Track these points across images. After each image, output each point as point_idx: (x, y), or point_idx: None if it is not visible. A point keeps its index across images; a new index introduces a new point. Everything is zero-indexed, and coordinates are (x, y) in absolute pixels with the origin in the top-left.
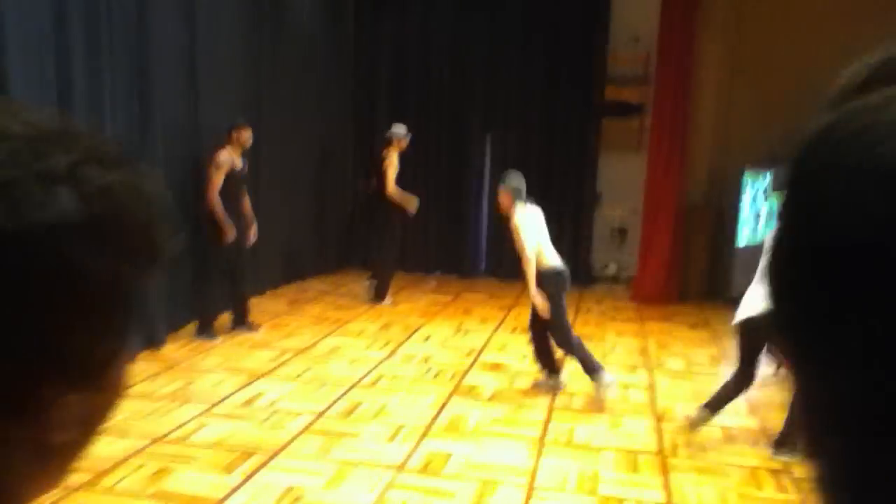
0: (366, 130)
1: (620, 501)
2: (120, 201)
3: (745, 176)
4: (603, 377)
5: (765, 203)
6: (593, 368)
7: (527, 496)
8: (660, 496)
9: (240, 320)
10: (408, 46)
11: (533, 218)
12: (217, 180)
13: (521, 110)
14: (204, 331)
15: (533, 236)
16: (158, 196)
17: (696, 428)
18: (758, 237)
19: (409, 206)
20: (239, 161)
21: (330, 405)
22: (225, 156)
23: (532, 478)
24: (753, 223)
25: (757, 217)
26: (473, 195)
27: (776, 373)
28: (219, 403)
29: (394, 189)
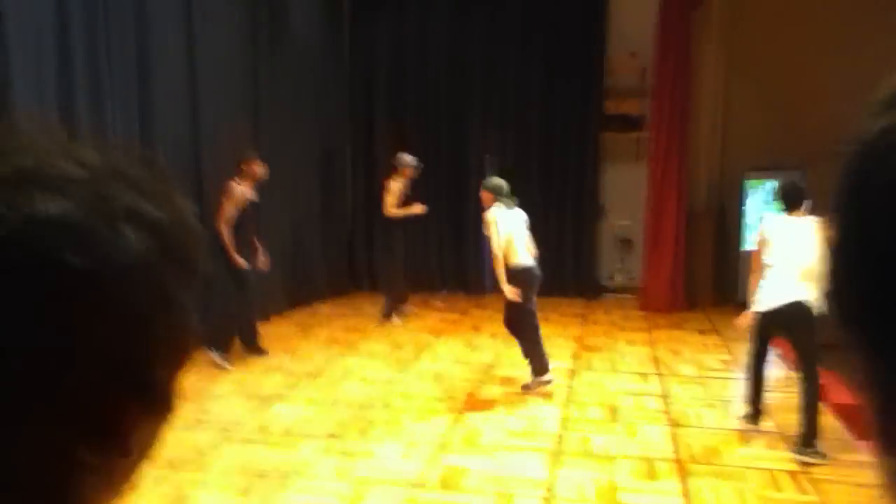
0: (364, 136)
1: None
2: (173, 235)
3: (747, 180)
4: (545, 377)
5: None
6: (542, 368)
7: None
8: (679, 502)
9: (250, 345)
10: (405, 50)
11: (510, 217)
12: (228, 212)
13: (521, 127)
14: (222, 351)
15: (504, 232)
16: (198, 227)
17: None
18: None
19: (415, 211)
20: (251, 193)
21: (345, 426)
22: (239, 190)
23: (550, 489)
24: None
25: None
26: (473, 218)
27: (790, 373)
28: (234, 428)
29: (392, 212)
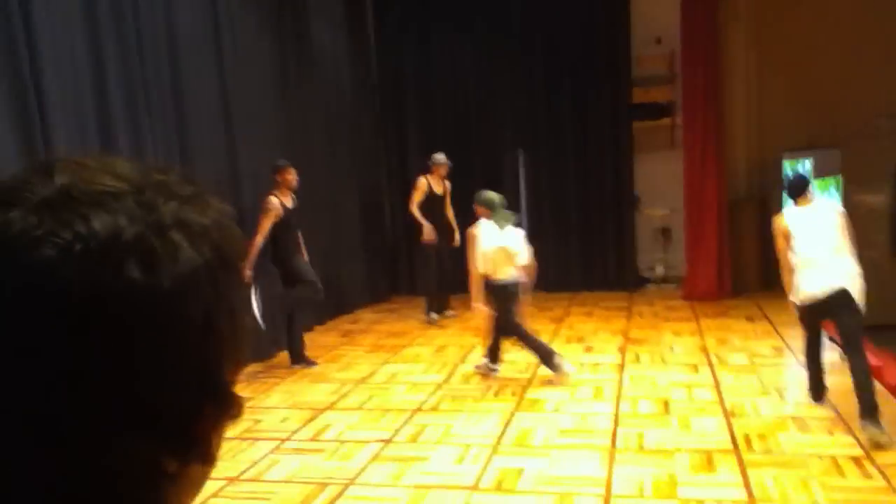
0: (395, 154)
1: (700, 503)
2: (219, 239)
3: (785, 160)
4: (561, 364)
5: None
6: (547, 355)
7: None
8: (741, 493)
9: (297, 356)
10: (431, 72)
11: (494, 233)
12: (265, 225)
13: (552, 124)
14: (299, 359)
15: (486, 248)
16: (238, 230)
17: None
18: None
19: (423, 233)
20: (289, 201)
21: (396, 431)
22: (274, 201)
23: (608, 487)
24: None
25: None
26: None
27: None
28: (287, 439)
29: (413, 210)
